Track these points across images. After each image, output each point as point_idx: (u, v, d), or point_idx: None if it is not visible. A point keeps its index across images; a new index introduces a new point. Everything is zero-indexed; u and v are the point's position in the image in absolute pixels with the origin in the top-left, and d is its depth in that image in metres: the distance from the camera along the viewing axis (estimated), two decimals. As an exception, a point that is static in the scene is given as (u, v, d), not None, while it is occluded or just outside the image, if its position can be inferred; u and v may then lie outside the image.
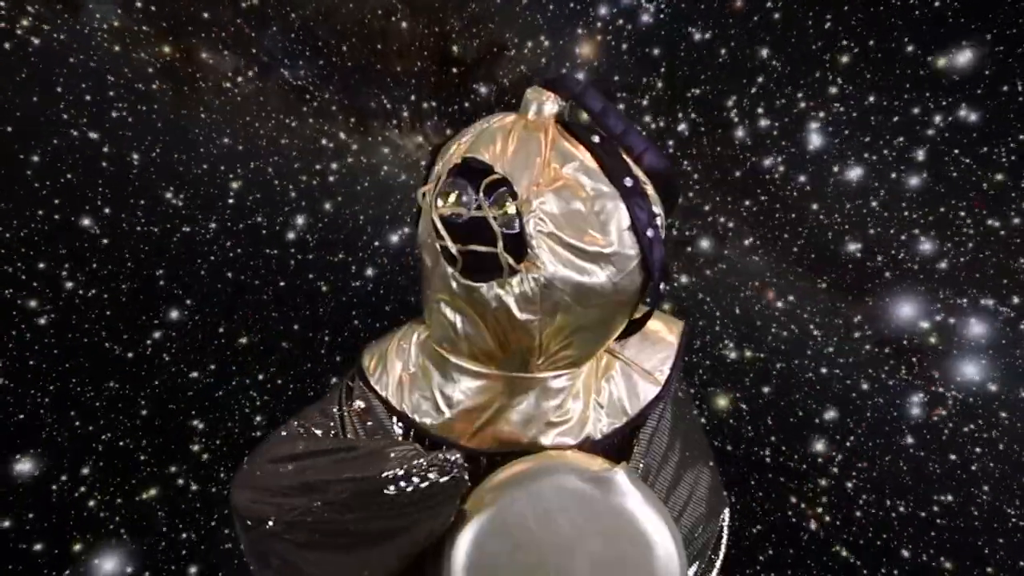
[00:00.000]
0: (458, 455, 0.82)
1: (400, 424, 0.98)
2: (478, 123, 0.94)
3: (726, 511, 1.04)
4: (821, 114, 2.45)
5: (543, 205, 0.83)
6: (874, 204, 2.47)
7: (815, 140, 2.46)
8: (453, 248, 0.85)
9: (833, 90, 2.43)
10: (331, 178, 2.69)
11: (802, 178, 2.52)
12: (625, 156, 0.89)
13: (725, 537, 1.05)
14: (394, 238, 2.71)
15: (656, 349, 1.00)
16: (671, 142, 2.58)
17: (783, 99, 2.48)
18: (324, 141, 2.66)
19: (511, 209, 0.83)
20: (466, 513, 0.86)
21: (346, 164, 2.69)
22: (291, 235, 2.67)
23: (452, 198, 0.85)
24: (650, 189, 0.90)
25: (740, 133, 2.52)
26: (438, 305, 0.93)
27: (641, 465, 0.94)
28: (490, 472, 0.91)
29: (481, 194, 0.83)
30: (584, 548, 0.83)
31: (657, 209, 0.90)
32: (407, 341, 1.02)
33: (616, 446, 0.96)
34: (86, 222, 2.42)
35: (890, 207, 2.45)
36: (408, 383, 0.98)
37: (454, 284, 0.88)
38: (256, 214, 2.66)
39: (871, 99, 2.40)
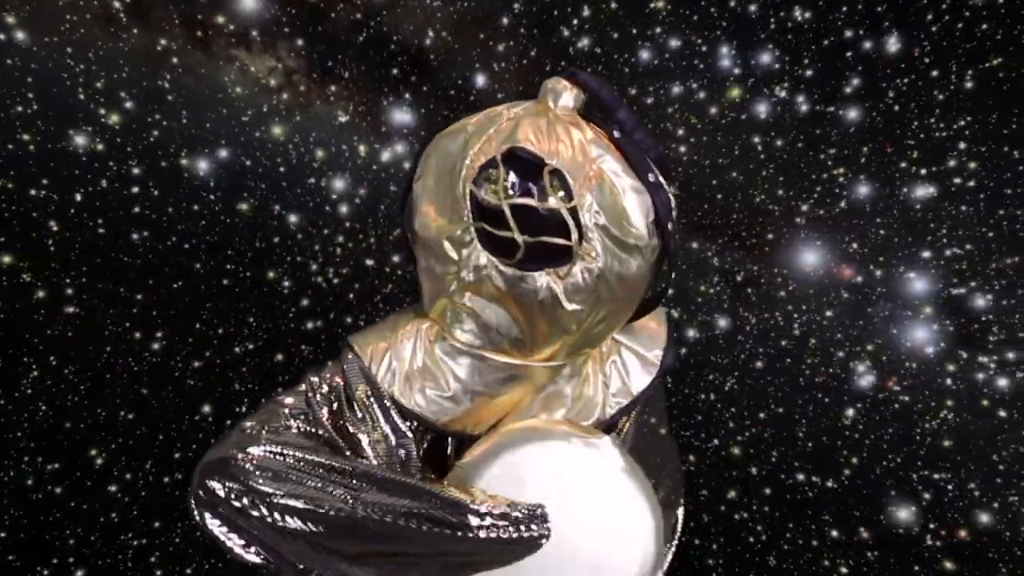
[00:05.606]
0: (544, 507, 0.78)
1: (406, 419, 0.93)
2: (494, 111, 0.91)
3: (680, 510, 1.14)
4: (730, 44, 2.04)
5: (595, 198, 0.84)
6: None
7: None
8: (520, 238, 0.84)
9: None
10: (164, 91, 2.23)
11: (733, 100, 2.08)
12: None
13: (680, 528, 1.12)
14: (203, 164, 2.23)
15: (647, 333, 1.05)
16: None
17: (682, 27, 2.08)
18: (155, 54, 2.23)
19: (570, 202, 0.84)
20: (457, 478, 0.85)
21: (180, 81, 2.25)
22: (106, 164, 2.19)
23: (512, 188, 0.84)
24: (664, 183, 0.93)
25: (645, 56, 2.09)
26: (461, 297, 0.90)
27: (628, 439, 1.04)
28: None
29: (547, 185, 0.83)
30: (572, 510, 0.82)
31: (672, 203, 0.92)
32: (408, 334, 0.97)
33: (615, 425, 1.02)
34: None
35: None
36: (417, 377, 0.94)
37: (495, 272, 0.86)
38: (63, 139, 2.19)
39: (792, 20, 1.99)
